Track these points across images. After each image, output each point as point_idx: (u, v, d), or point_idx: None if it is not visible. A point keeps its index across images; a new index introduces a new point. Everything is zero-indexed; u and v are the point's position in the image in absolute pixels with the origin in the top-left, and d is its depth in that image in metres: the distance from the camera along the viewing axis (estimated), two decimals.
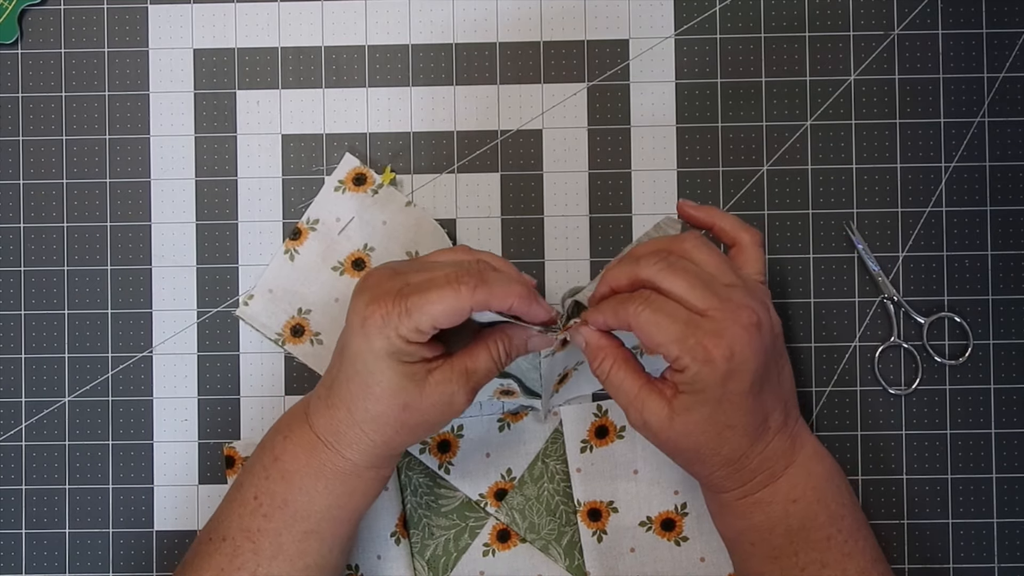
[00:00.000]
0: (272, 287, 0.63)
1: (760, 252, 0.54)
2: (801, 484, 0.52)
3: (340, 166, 0.64)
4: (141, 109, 0.65)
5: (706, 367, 0.48)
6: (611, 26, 0.64)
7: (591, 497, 0.62)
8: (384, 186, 0.63)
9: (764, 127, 0.64)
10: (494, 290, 0.49)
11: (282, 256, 0.64)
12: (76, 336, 0.64)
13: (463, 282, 0.49)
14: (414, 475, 0.63)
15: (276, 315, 0.63)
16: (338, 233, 0.63)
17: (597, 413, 0.63)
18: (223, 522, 0.54)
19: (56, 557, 0.64)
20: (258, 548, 0.53)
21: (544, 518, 0.63)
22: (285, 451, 0.54)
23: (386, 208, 0.63)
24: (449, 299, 0.49)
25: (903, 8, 0.64)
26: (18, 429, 0.64)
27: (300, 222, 0.64)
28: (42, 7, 0.65)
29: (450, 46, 0.65)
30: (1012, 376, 0.63)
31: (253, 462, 0.55)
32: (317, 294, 0.63)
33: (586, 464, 0.63)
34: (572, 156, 0.64)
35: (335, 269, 0.63)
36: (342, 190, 0.64)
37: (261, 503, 0.53)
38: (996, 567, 0.63)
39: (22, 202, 0.65)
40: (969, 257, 0.64)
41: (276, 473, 0.54)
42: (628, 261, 0.52)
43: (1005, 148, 0.64)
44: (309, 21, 0.65)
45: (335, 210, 0.64)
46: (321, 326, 0.63)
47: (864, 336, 0.64)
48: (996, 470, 0.63)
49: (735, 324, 0.49)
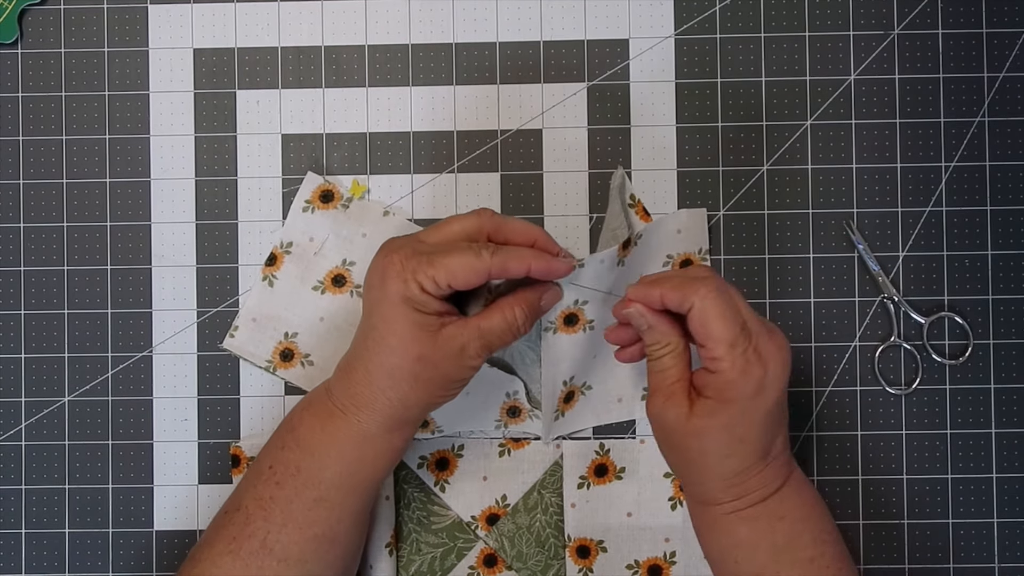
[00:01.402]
0: (255, 316, 0.63)
1: (722, 307, 0.50)
2: (788, 503, 0.53)
3: (303, 185, 0.64)
4: (141, 109, 0.65)
5: (742, 378, 0.50)
6: (611, 26, 0.64)
7: (582, 534, 0.63)
8: (355, 199, 0.63)
9: (764, 127, 0.64)
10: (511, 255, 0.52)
11: (261, 283, 0.64)
12: (76, 336, 0.64)
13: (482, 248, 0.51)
14: (409, 488, 0.63)
15: (263, 343, 0.63)
16: (314, 253, 0.63)
17: (599, 451, 0.63)
18: (238, 494, 0.55)
19: (56, 557, 0.64)
20: (269, 515, 0.53)
21: (533, 548, 0.63)
22: (303, 422, 0.55)
23: (364, 221, 0.63)
24: (469, 261, 0.51)
25: (903, 8, 0.64)
26: (18, 429, 0.64)
27: (274, 247, 0.64)
28: (42, 7, 0.65)
29: (450, 46, 0.65)
30: (1012, 376, 0.63)
31: (272, 436, 0.56)
32: (301, 316, 0.63)
33: (581, 500, 0.63)
34: (572, 156, 0.64)
35: (315, 289, 0.63)
36: (311, 210, 0.63)
37: (275, 471, 0.54)
38: (996, 567, 0.63)
39: (22, 202, 0.65)
40: (969, 257, 0.64)
41: (292, 442, 0.54)
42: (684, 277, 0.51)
43: (1005, 148, 0.64)
44: (309, 21, 0.65)
45: (307, 230, 0.63)
46: (309, 347, 0.63)
47: (864, 336, 0.64)
48: (996, 470, 0.63)
49: (772, 345, 0.51)
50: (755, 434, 0.51)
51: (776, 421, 0.52)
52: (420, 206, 0.64)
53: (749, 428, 0.51)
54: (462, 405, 0.60)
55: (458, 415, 0.61)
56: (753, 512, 0.53)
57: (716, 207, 0.64)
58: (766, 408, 0.51)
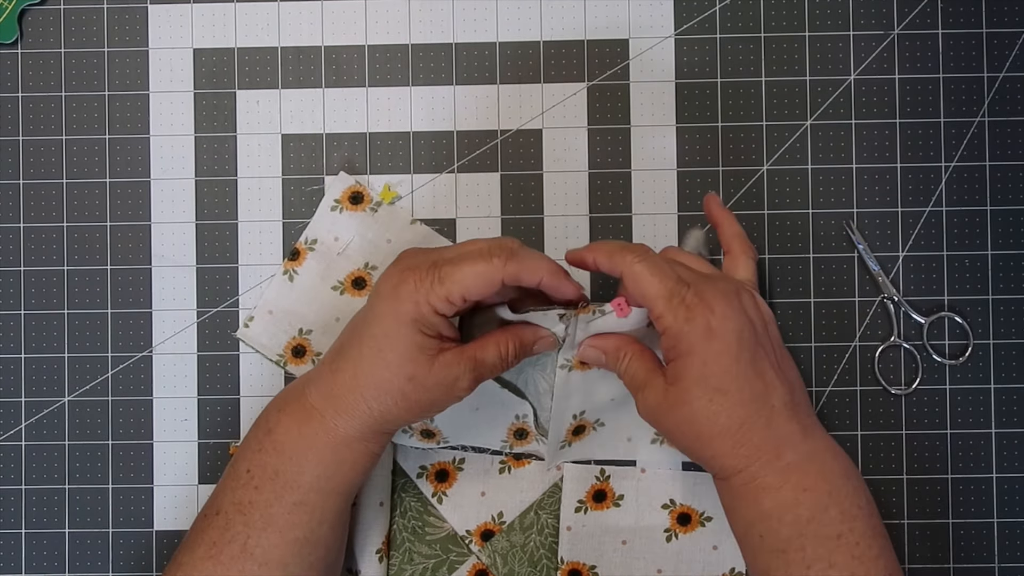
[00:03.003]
0: (272, 308, 0.63)
1: (750, 264, 0.58)
2: (813, 473, 0.52)
3: (335, 184, 0.64)
4: (141, 109, 0.65)
5: (687, 325, 0.50)
6: (611, 26, 0.64)
7: (575, 558, 0.62)
8: (384, 204, 0.63)
9: (764, 127, 0.64)
10: (525, 263, 0.51)
11: (281, 277, 0.63)
12: (76, 336, 0.64)
13: (495, 254, 0.51)
14: (407, 497, 0.63)
15: (277, 336, 0.63)
16: (337, 253, 0.63)
17: (599, 477, 0.63)
18: (217, 497, 0.55)
19: (56, 557, 0.64)
20: (249, 520, 0.53)
21: (525, 568, 0.63)
22: (279, 423, 0.54)
23: (390, 227, 0.63)
24: (481, 268, 0.51)
25: (903, 8, 0.64)
26: (18, 429, 0.64)
27: (298, 242, 0.64)
28: (42, 7, 0.65)
29: (450, 46, 0.65)
30: (1012, 376, 0.63)
31: (248, 437, 0.56)
32: (317, 314, 0.63)
33: (577, 524, 0.63)
34: (572, 156, 0.64)
35: (335, 289, 0.63)
36: (339, 209, 0.63)
37: (253, 475, 0.54)
38: (996, 567, 0.63)
39: (22, 202, 0.65)
40: (969, 257, 0.64)
41: (269, 445, 0.54)
42: (616, 246, 0.53)
43: (1005, 148, 0.64)
44: (309, 21, 0.65)
45: (333, 229, 0.63)
46: (322, 346, 0.63)
47: (864, 336, 0.64)
48: (996, 470, 0.63)
49: (714, 289, 0.52)
50: (732, 382, 0.50)
51: (755, 367, 0.51)
52: (420, 206, 0.64)
53: (722, 376, 0.50)
54: (471, 420, 0.60)
55: (465, 429, 0.61)
56: (774, 480, 0.51)
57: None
58: (731, 352, 0.50)
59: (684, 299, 0.50)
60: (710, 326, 0.50)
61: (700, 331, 0.50)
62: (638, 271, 0.51)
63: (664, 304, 0.51)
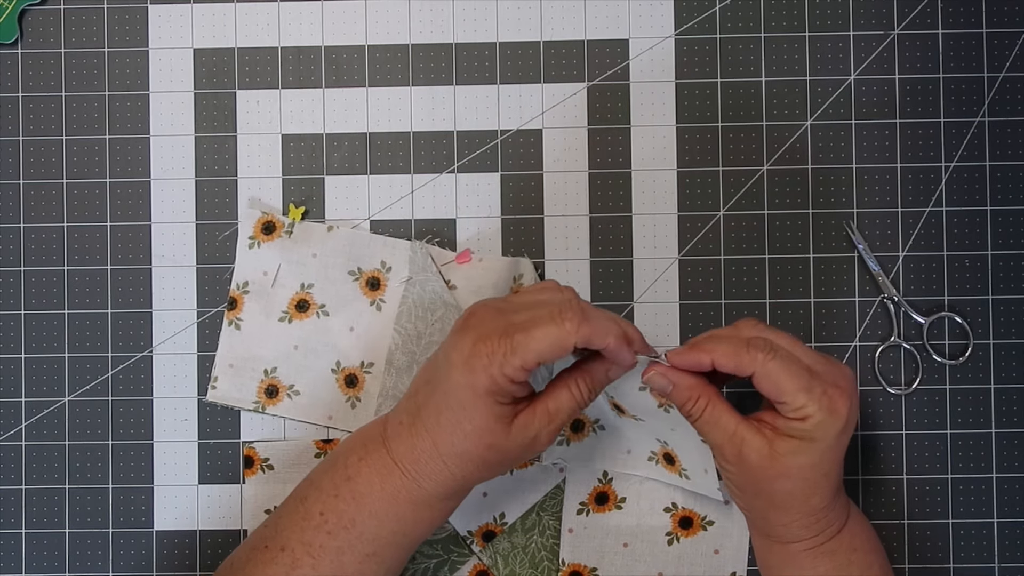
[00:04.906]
0: (231, 361, 0.63)
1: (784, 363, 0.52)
2: (860, 534, 0.55)
3: (243, 222, 0.63)
4: (141, 109, 0.65)
5: (831, 417, 0.51)
6: (611, 26, 0.64)
7: (576, 559, 0.62)
8: (296, 223, 0.63)
9: (764, 127, 0.64)
10: (595, 327, 0.50)
11: (227, 329, 0.63)
12: (76, 336, 0.64)
13: (567, 318, 0.50)
14: None
15: (246, 385, 0.63)
16: (271, 286, 0.63)
17: (601, 479, 0.63)
18: (282, 532, 0.54)
19: (56, 557, 0.64)
20: (318, 564, 0.53)
21: (526, 569, 0.63)
22: (359, 473, 0.53)
23: (311, 242, 0.63)
24: (554, 335, 0.49)
25: (903, 8, 0.64)
26: (18, 429, 0.64)
27: (231, 291, 0.63)
28: (42, 7, 0.65)
29: (450, 46, 0.65)
30: (1012, 376, 0.63)
31: (321, 477, 0.55)
32: (275, 350, 0.63)
33: (579, 526, 0.63)
34: (572, 156, 0.64)
35: (281, 320, 0.63)
36: (256, 244, 0.63)
37: (327, 519, 0.53)
38: (996, 567, 0.63)
39: (22, 202, 0.65)
40: (969, 257, 0.64)
41: (347, 493, 0.53)
42: (736, 345, 0.52)
43: (1005, 148, 0.64)
44: (309, 21, 0.65)
45: (259, 266, 0.63)
46: (291, 378, 0.63)
47: (864, 336, 0.64)
48: (996, 470, 0.63)
49: (843, 375, 0.52)
50: (835, 468, 0.53)
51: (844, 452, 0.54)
52: (420, 206, 0.64)
53: (832, 463, 0.52)
54: None
55: None
56: (832, 546, 0.54)
57: (716, 207, 0.64)
58: (847, 442, 0.52)
59: (825, 391, 0.51)
60: (848, 421, 0.51)
61: (840, 425, 0.51)
62: (772, 370, 0.51)
63: (806, 397, 0.51)
